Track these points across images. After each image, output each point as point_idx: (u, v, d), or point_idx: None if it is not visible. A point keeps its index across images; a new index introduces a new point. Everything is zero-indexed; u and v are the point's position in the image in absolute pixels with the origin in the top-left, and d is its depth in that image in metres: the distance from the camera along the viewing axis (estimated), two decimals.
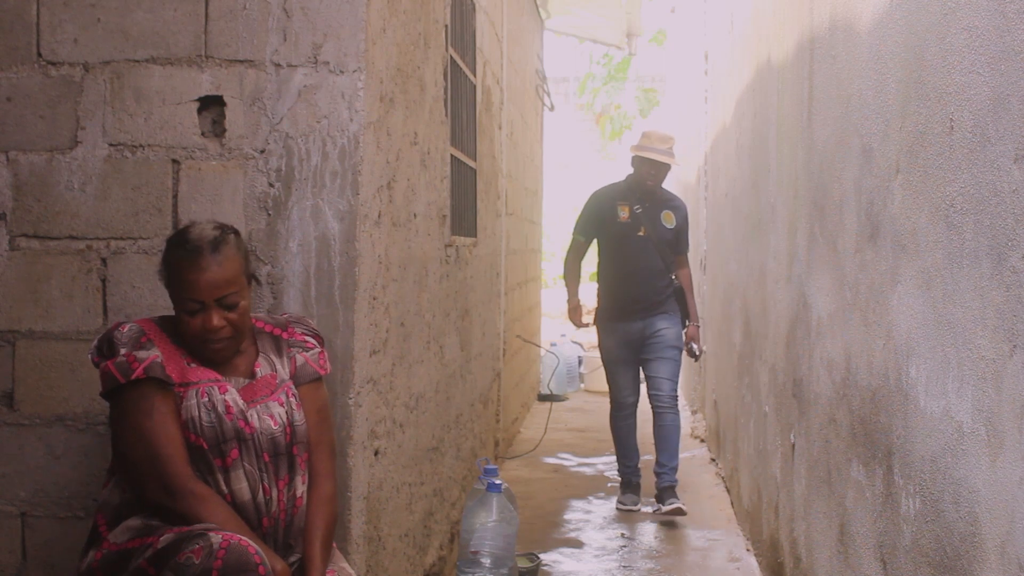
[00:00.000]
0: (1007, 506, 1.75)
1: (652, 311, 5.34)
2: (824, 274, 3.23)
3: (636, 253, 5.32)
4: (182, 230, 2.30)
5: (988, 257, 1.85)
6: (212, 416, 2.20)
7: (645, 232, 5.31)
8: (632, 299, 5.33)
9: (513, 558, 3.92)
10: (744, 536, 4.91)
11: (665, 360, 5.33)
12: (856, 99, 2.81)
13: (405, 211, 3.21)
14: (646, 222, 5.31)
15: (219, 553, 1.97)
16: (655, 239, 5.32)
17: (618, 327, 5.39)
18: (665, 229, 5.36)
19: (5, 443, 2.66)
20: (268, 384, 2.33)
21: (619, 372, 5.47)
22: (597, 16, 9.66)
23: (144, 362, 2.19)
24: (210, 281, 2.21)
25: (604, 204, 5.46)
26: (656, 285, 5.34)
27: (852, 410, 2.82)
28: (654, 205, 5.38)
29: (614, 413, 5.53)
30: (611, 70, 19.51)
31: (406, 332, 3.27)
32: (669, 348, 5.34)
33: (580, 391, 9.37)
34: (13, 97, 2.67)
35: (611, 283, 5.43)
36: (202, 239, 2.24)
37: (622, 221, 5.34)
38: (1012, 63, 1.74)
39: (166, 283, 2.28)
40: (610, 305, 5.43)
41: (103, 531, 2.21)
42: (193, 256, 2.22)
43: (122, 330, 2.23)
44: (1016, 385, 1.72)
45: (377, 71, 2.77)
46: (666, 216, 5.38)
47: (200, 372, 2.25)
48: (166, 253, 2.28)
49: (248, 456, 2.23)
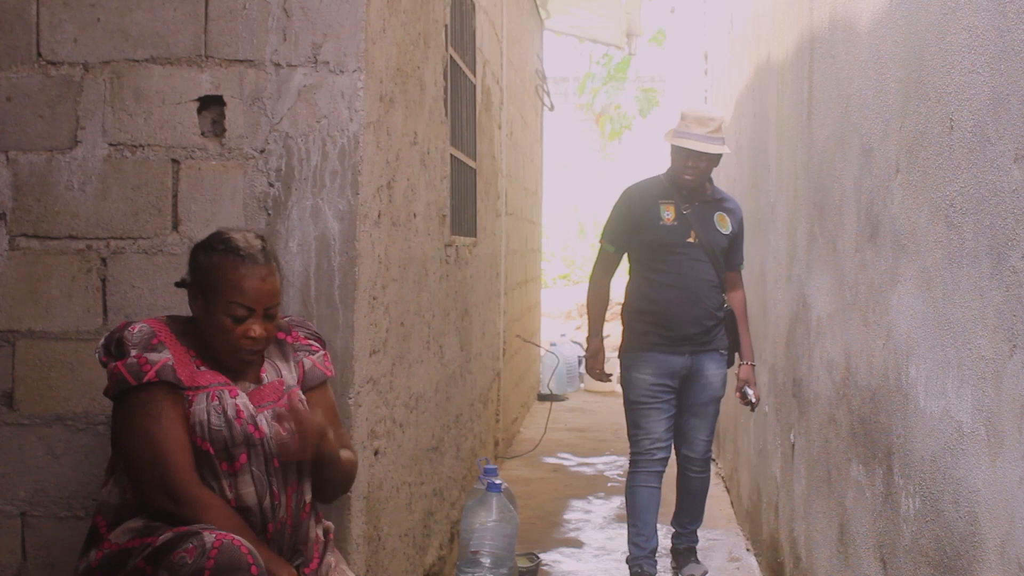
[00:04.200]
0: (1007, 506, 1.75)
1: (702, 344, 4.15)
2: (824, 274, 3.24)
3: (685, 265, 4.12)
4: (223, 236, 2.26)
5: (988, 257, 1.85)
6: (221, 420, 2.18)
7: (696, 238, 4.12)
8: (680, 323, 4.11)
9: (513, 558, 3.92)
10: (744, 536, 4.91)
11: (706, 416, 4.23)
12: (856, 99, 2.81)
13: (405, 211, 3.21)
14: (697, 226, 4.13)
15: (211, 552, 1.97)
16: (708, 248, 4.13)
17: (656, 359, 4.13)
18: (720, 235, 4.18)
19: (5, 443, 2.66)
20: (275, 390, 2.33)
21: (650, 416, 4.14)
22: (597, 16, 9.66)
23: (156, 365, 2.17)
24: (265, 290, 2.22)
25: (642, 203, 4.21)
26: (709, 307, 4.15)
27: (852, 410, 2.82)
28: (705, 205, 4.20)
29: (634, 471, 4.19)
30: (611, 70, 19.53)
31: (406, 332, 3.27)
32: (713, 402, 4.23)
33: (580, 391, 9.37)
34: (13, 97, 2.67)
35: (650, 303, 4.15)
36: (253, 247, 2.23)
37: (667, 224, 4.13)
38: (1012, 63, 1.74)
39: (201, 287, 2.24)
40: (647, 330, 4.16)
41: (103, 531, 2.20)
42: (249, 263, 2.21)
43: (132, 330, 2.21)
44: (1016, 385, 1.72)
45: (377, 71, 2.77)
46: (720, 219, 4.21)
47: (210, 375, 2.24)
48: (207, 256, 2.23)
49: (257, 461, 2.21)
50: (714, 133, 4.09)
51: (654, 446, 4.14)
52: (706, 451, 4.27)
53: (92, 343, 2.63)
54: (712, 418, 4.26)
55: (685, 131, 4.10)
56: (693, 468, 4.26)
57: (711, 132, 4.09)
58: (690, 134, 4.08)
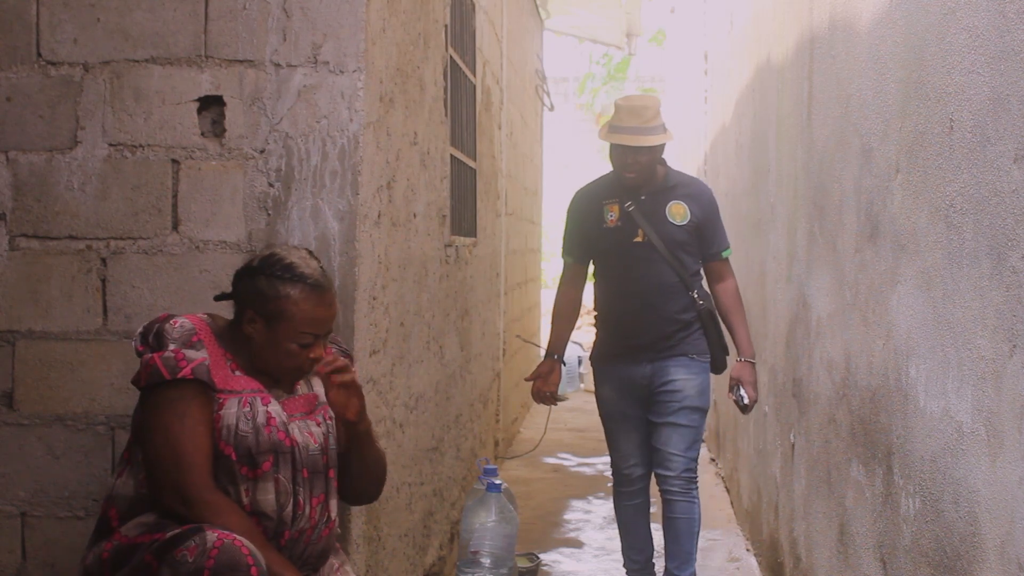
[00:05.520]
0: (1007, 506, 1.75)
1: (664, 351, 3.76)
2: (824, 274, 3.24)
3: (634, 268, 3.76)
4: (284, 263, 2.23)
5: (988, 257, 1.85)
6: (249, 427, 2.17)
7: (644, 237, 3.74)
8: (632, 332, 3.78)
9: (513, 558, 3.92)
10: (744, 536, 4.91)
11: (678, 428, 3.75)
12: (856, 99, 2.81)
13: (405, 211, 3.21)
14: (645, 223, 3.74)
15: (212, 552, 1.96)
16: (661, 244, 3.73)
17: (615, 371, 3.84)
18: (674, 228, 3.75)
19: (5, 443, 2.66)
20: (309, 402, 2.33)
21: (619, 434, 3.90)
22: (597, 16, 9.67)
23: (193, 363, 2.15)
24: (332, 315, 2.25)
25: (587, 208, 3.89)
26: (667, 311, 3.74)
27: (852, 410, 2.82)
28: (654, 197, 3.77)
29: (617, 490, 4.02)
30: (611, 70, 19.54)
31: (406, 332, 3.27)
32: (685, 411, 3.75)
33: (580, 391, 9.37)
34: (13, 97, 2.67)
35: (606, 313, 3.89)
36: (316, 272, 2.23)
37: (610, 227, 3.79)
38: (1012, 63, 1.74)
39: (260, 312, 2.21)
40: (605, 341, 3.91)
41: (115, 524, 2.18)
42: (318, 292, 2.21)
43: (173, 324, 2.19)
44: (1016, 385, 1.72)
45: (377, 71, 2.77)
46: (674, 209, 3.76)
47: (244, 381, 2.22)
48: (270, 283, 2.20)
49: (284, 469, 2.20)
50: (649, 122, 3.67)
51: (626, 465, 3.91)
52: (684, 469, 3.75)
53: (92, 343, 2.63)
54: (689, 431, 3.75)
55: (618, 125, 3.71)
56: (672, 489, 3.78)
57: (645, 122, 3.67)
58: (623, 128, 3.69)
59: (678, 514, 3.78)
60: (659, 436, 3.78)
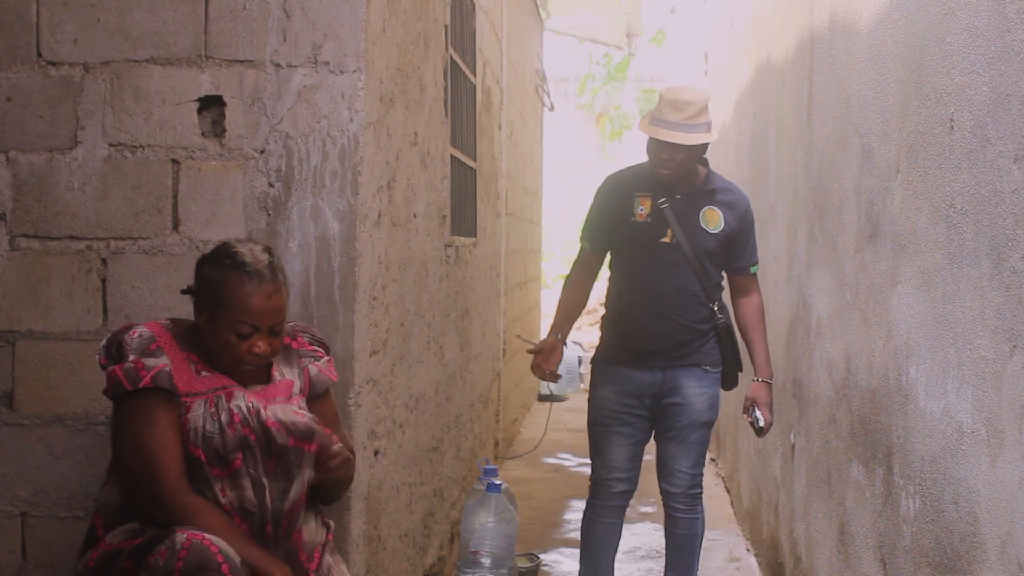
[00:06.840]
0: (1007, 506, 1.75)
1: (676, 359, 3.53)
2: (824, 274, 3.24)
3: (657, 269, 3.51)
4: (229, 250, 2.23)
5: (988, 257, 1.85)
6: (215, 427, 2.18)
7: (672, 238, 3.50)
8: (646, 337, 3.53)
9: (513, 558, 3.92)
10: (744, 536, 4.91)
11: (685, 443, 3.56)
12: (856, 99, 2.81)
13: (405, 211, 3.21)
14: (675, 223, 3.50)
15: (180, 553, 1.98)
16: (690, 249, 3.49)
17: (620, 374, 3.57)
18: (705, 235, 3.51)
19: (5, 443, 2.66)
20: (286, 388, 2.33)
21: (610, 441, 3.59)
22: (597, 16, 9.67)
23: (152, 371, 2.16)
24: (271, 307, 2.20)
25: (618, 196, 3.61)
26: (686, 320, 3.51)
27: (852, 410, 2.82)
28: (691, 198, 3.54)
29: (591, 503, 3.68)
30: (611, 70, 19.55)
31: (406, 332, 3.27)
32: (695, 426, 3.55)
33: (580, 391, 9.37)
34: (13, 97, 2.67)
35: (618, 313, 3.63)
36: (260, 263, 2.20)
37: (638, 221, 3.53)
38: (1012, 63, 1.74)
39: (206, 300, 2.22)
40: (614, 343, 3.63)
41: (100, 532, 2.21)
42: (255, 281, 2.18)
43: (132, 335, 2.20)
44: (1016, 385, 1.72)
45: (377, 71, 2.77)
46: (708, 215, 3.53)
47: (210, 380, 2.23)
48: (213, 272, 2.21)
49: (253, 463, 2.21)
50: (693, 119, 3.40)
51: (611, 476, 3.59)
52: (691, 486, 3.59)
53: (92, 343, 2.63)
54: (697, 446, 3.57)
55: (658, 118, 3.43)
56: (676, 506, 3.61)
57: (688, 118, 3.39)
58: (662, 122, 3.41)
59: (681, 530, 3.65)
60: (666, 450, 3.60)
